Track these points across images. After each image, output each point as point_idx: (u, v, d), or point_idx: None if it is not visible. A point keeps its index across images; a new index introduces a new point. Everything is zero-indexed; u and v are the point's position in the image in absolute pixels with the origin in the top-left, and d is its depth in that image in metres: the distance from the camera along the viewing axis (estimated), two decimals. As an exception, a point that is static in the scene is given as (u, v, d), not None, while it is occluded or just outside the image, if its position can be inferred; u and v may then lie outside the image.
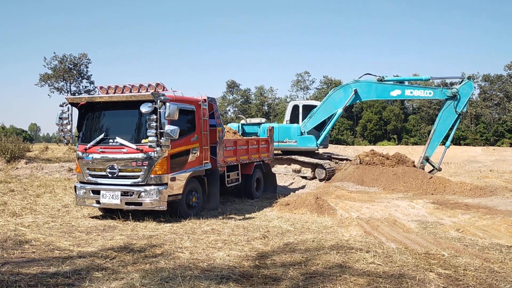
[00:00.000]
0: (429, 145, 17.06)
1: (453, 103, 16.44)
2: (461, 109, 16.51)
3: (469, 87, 16.61)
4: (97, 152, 9.18)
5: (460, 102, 16.44)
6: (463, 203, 11.59)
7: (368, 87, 17.32)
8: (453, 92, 16.44)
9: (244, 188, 12.92)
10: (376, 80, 17.13)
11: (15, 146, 21.25)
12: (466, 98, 16.55)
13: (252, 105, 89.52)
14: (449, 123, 16.63)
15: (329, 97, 18.10)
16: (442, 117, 16.82)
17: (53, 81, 58.67)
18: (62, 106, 9.55)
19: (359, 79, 17.44)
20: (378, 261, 6.03)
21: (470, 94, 16.77)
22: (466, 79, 16.67)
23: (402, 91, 17.11)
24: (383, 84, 17.17)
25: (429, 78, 17.41)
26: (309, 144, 17.64)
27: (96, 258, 6.13)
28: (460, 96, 16.38)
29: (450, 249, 6.72)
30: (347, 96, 17.40)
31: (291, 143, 17.77)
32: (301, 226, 8.73)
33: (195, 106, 9.96)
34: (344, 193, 13.44)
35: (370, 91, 17.36)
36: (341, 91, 17.75)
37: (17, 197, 12.00)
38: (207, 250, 6.63)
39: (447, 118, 16.70)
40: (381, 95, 17.77)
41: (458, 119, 16.68)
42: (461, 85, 16.57)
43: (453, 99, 16.44)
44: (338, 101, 17.70)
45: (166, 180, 8.93)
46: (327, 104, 17.93)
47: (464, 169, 24.45)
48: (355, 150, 31.46)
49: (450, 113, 16.60)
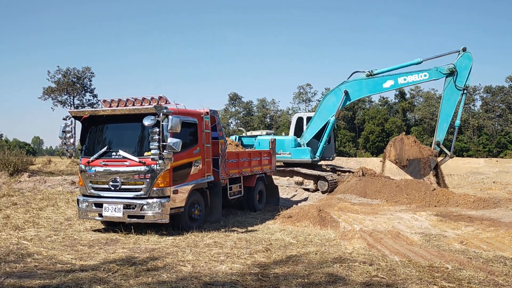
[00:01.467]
0: (438, 128, 16.34)
1: (452, 79, 15.71)
2: (464, 84, 15.62)
3: (467, 59, 15.79)
4: (100, 165, 9.21)
5: (460, 76, 15.68)
6: (466, 215, 11.53)
7: (358, 85, 16.97)
8: (450, 68, 15.72)
9: (246, 201, 12.89)
10: (365, 76, 16.79)
11: (18, 159, 21.35)
12: (467, 71, 15.67)
13: (254, 117, 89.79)
14: (454, 101, 15.86)
15: (322, 104, 17.99)
16: (444, 96, 16.06)
17: (57, 94, 59.13)
18: (66, 119, 9.62)
19: (348, 80, 17.17)
20: (382, 274, 5.99)
21: (470, 65, 15.75)
22: (461, 51, 15.83)
23: (394, 80, 16.50)
24: (373, 78, 16.73)
25: (421, 60, 16.46)
26: (303, 156, 17.34)
27: (98, 272, 6.12)
28: (458, 70, 15.66)
29: (454, 262, 6.68)
30: (339, 99, 17.09)
31: (285, 155, 17.53)
32: (303, 238, 8.69)
33: (198, 119, 10.01)
34: (347, 205, 13.39)
35: (361, 88, 16.97)
36: (332, 95, 17.55)
37: (19, 211, 12.00)
38: (209, 263, 6.61)
39: (450, 97, 15.90)
40: (374, 90, 17.23)
41: (463, 95, 15.79)
42: (457, 59, 15.85)
43: (452, 76, 15.69)
44: (331, 106, 17.43)
45: (169, 192, 8.94)
46: (321, 111, 17.77)
47: (467, 181, 24.35)
48: (358, 162, 31.40)
49: (452, 90, 15.85)
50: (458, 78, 15.66)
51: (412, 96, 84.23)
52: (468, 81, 15.72)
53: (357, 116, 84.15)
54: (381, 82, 16.66)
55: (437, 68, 16.13)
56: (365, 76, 16.86)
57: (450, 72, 15.75)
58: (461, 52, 15.85)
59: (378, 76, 16.74)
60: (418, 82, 16.78)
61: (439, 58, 16.51)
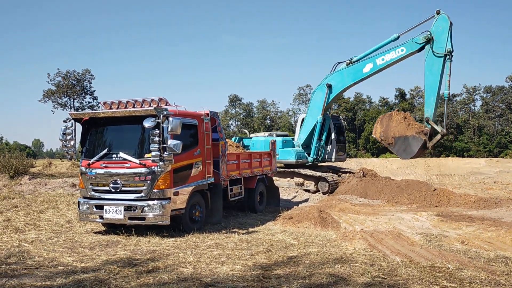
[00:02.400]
0: (425, 103, 14.99)
1: (430, 46, 14.53)
2: (444, 49, 14.18)
3: (443, 21, 14.41)
4: (100, 167, 9.21)
5: (438, 41, 14.37)
6: (467, 215, 11.52)
7: (340, 75, 16.73)
8: (425, 36, 14.58)
9: (247, 202, 12.89)
10: (345, 65, 16.53)
11: (18, 162, 21.39)
12: (445, 35, 14.29)
13: (254, 119, 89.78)
14: (437, 70, 14.40)
15: (311, 101, 17.97)
16: (426, 67, 14.69)
17: (57, 97, 59.10)
18: (66, 121, 9.63)
19: (331, 72, 17.00)
20: (383, 274, 5.99)
21: (448, 28, 14.27)
22: (436, 15, 14.59)
23: (373, 63, 15.80)
24: (353, 65, 16.30)
25: (397, 35, 15.58)
26: (288, 157, 17.30)
27: (99, 274, 6.12)
28: (435, 36, 14.44)
29: (455, 262, 6.67)
30: (324, 94, 17.01)
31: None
32: (304, 239, 8.69)
33: (198, 121, 10.01)
34: (348, 206, 13.39)
35: (343, 78, 16.67)
36: (319, 91, 17.47)
37: (20, 213, 12.00)
38: (210, 265, 6.61)
39: (432, 66, 14.55)
40: (356, 77, 16.41)
41: (445, 61, 14.25)
42: (433, 24, 14.63)
43: (429, 44, 14.55)
44: (319, 102, 17.31)
45: (169, 194, 8.94)
46: (311, 109, 17.75)
47: (467, 181, 24.32)
48: (358, 163, 31.40)
49: (432, 59, 14.53)
50: (437, 44, 14.40)
51: (412, 96, 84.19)
52: (449, 45, 14.22)
53: (357, 117, 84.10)
54: (361, 67, 16.11)
55: (413, 39, 15.01)
56: (346, 65, 16.56)
57: (427, 41, 14.63)
58: (435, 16, 14.62)
59: (358, 62, 16.28)
60: (397, 59, 15.47)
61: (417, 29, 15.29)
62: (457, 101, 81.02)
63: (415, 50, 15.00)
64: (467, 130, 77.32)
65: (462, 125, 78.11)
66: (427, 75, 14.67)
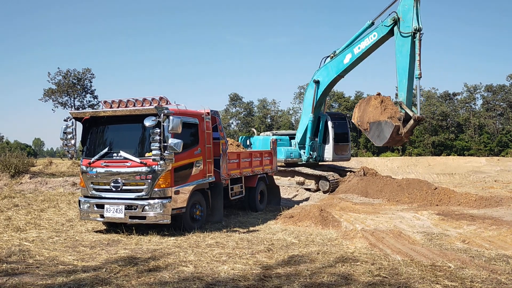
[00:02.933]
0: (398, 87, 14.37)
1: (397, 27, 14.04)
2: (411, 28, 13.55)
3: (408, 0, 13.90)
4: (101, 166, 9.21)
5: (405, 21, 13.82)
6: (468, 214, 11.51)
7: (325, 69, 16.71)
8: (393, 17, 14.09)
9: (247, 201, 12.89)
10: (330, 59, 16.51)
11: (19, 161, 21.40)
12: (411, 13, 13.67)
13: (255, 118, 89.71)
14: (406, 51, 13.78)
15: (304, 100, 18.02)
16: (396, 49, 14.12)
17: (57, 96, 59.08)
18: (66, 120, 9.63)
19: (318, 68, 16.97)
20: (384, 273, 5.98)
21: (413, 5, 13.66)
22: None
23: (351, 52, 15.62)
24: (336, 58, 16.19)
25: (370, 22, 15.35)
26: (278, 156, 17.08)
27: (100, 273, 6.11)
28: (402, 15, 13.90)
29: (456, 260, 6.66)
30: (313, 90, 16.97)
31: None
32: (305, 238, 8.69)
33: (198, 119, 10.01)
34: (348, 205, 13.38)
35: (328, 72, 16.61)
36: (309, 89, 17.47)
37: (21, 212, 12.01)
38: (211, 264, 6.61)
39: (401, 47, 13.95)
40: (339, 69, 16.20)
41: (415, 41, 13.57)
42: (399, 4, 14.15)
43: (397, 24, 14.05)
44: (310, 99, 17.32)
45: (170, 193, 8.93)
46: (305, 107, 17.80)
47: (468, 180, 24.32)
48: (359, 162, 31.39)
49: (401, 40, 13.96)
50: (403, 24, 13.84)
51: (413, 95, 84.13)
52: (415, 22, 13.56)
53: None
54: (342, 59, 15.97)
55: (382, 23, 14.60)
56: (330, 59, 16.53)
57: (394, 22, 14.13)
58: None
59: (340, 53, 16.13)
60: (371, 45, 15.09)
61: (389, 11, 14.69)
62: (458, 100, 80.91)
63: (385, 33, 14.57)
64: (468, 129, 77.22)
65: (462, 123, 77.99)
66: (398, 58, 14.13)
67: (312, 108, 17.12)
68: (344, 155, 18.75)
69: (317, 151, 18.09)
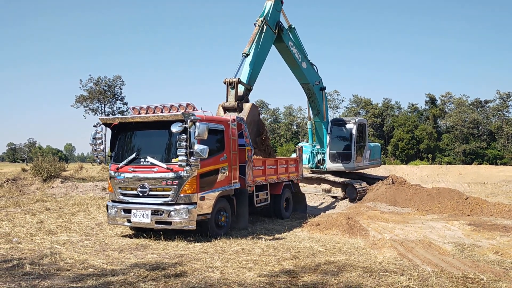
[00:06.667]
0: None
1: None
2: (273, 25, 13.82)
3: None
4: (128, 172, 9.36)
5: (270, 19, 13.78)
6: (501, 225, 11.13)
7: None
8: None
9: (273, 208, 12.82)
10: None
11: (51, 165, 22.01)
12: (271, 7, 13.80)
13: (281, 125, 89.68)
14: (266, 48, 13.85)
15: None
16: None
17: (88, 102, 60.80)
18: (96, 126, 9.83)
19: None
20: (414, 284, 5.83)
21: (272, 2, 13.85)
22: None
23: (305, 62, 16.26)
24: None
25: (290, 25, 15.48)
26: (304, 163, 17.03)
27: (128, 276, 6.19)
28: (269, 16, 13.82)
29: (489, 272, 6.44)
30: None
31: None
32: (332, 247, 8.57)
33: (224, 126, 10.06)
34: (376, 214, 13.14)
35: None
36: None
37: (52, 216, 12.32)
38: (237, 270, 6.59)
39: (266, 43, 13.75)
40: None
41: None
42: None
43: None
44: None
45: (196, 199, 8.98)
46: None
47: (501, 190, 23.55)
48: (387, 170, 30.87)
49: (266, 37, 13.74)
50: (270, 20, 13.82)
51: (443, 102, 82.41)
52: (277, 16, 14.12)
53: (385, 123, 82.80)
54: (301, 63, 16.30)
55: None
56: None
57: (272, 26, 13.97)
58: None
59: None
60: (295, 57, 15.68)
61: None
62: (490, 107, 78.73)
63: (279, 43, 14.85)
64: (501, 137, 74.98)
65: (495, 132, 75.79)
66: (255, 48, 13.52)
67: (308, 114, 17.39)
68: (346, 164, 17.57)
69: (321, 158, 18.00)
